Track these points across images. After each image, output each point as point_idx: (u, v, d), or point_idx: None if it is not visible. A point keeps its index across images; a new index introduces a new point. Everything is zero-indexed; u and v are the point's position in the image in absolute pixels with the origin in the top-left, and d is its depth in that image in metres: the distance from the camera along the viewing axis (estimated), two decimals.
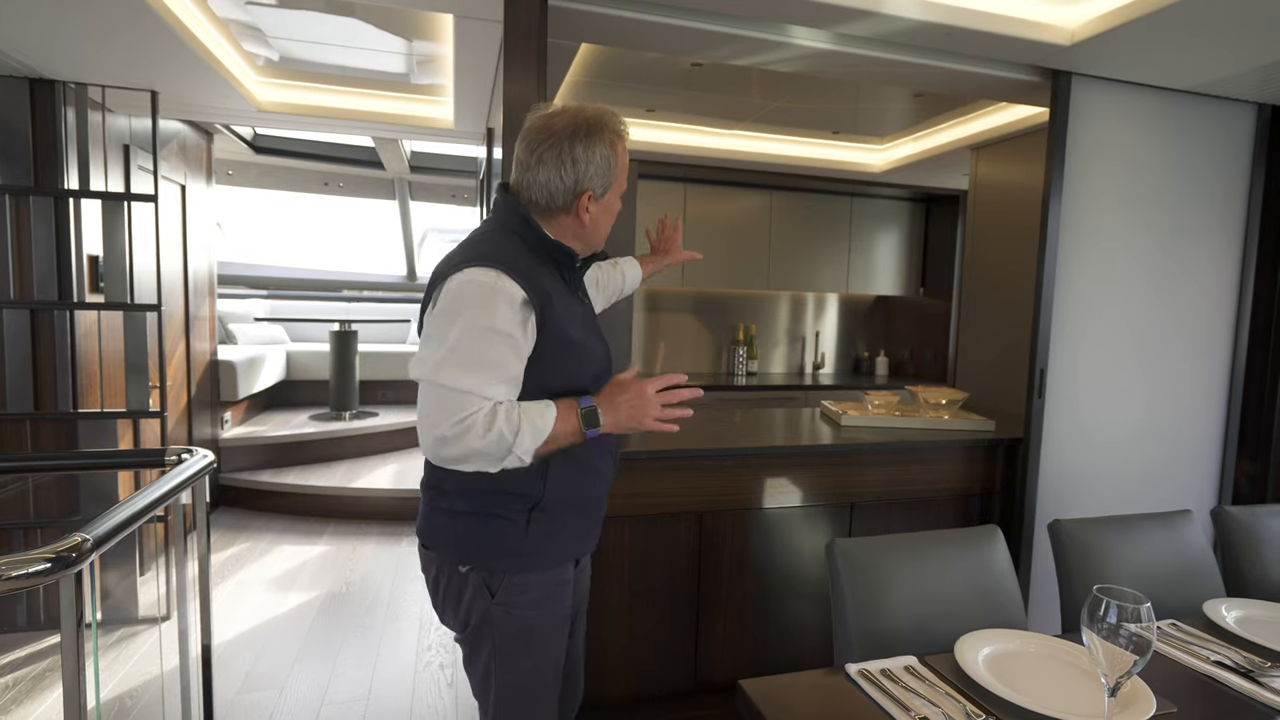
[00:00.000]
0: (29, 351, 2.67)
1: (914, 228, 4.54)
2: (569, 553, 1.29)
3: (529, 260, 1.18)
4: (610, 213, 1.28)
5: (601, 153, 1.20)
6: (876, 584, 1.36)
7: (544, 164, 1.19)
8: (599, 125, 1.20)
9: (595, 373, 1.26)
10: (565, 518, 1.26)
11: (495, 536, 1.21)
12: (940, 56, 2.18)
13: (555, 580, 1.27)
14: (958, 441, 2.38)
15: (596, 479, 1.31)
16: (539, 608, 1.25)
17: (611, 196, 1.26)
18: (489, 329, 1.10)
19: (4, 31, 2.22)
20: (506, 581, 1.22)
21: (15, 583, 1.15)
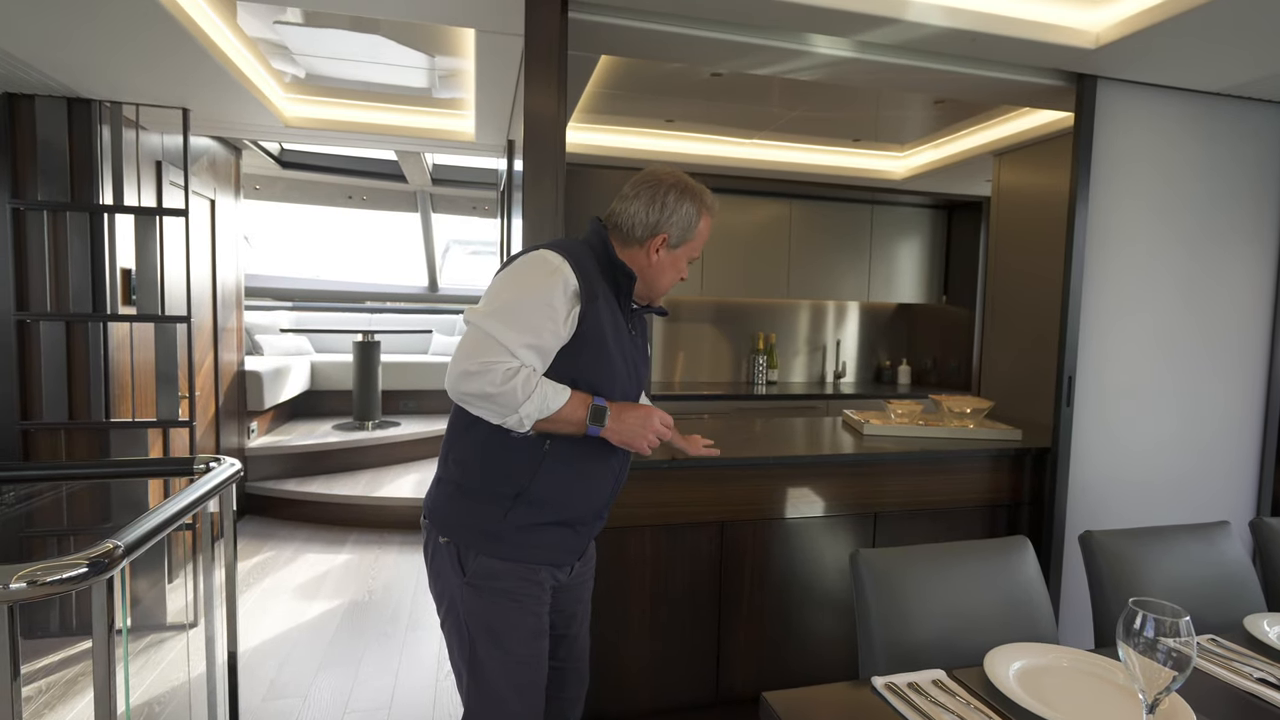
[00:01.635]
0: (64, 362, 2.74)
1: (936, 235, 4.50)
2: (541, 555, 1.32)
3: (594, 267, 1.31)
4: (675, 268, 1.40)
5: (688, 209, 1.36)
6: (902, 595, 1.34)
7: (639, 199, 1.36)
8: (698, 191, 1.39)
9: (620, 390, 1.34)
10: (546, 518, 1.31)
11: (474, 514, 1.29)
12: (963, 63, 2.16)
13: (527, 577, 1.31)
14: (983, 451, 2.34)
15: (588, 491, 1.35)
16: (506, 598, 1.29)
17: (682, 253, 1.39)
18: (537, 298, 1.22)
19: (45, 55, 2.30)
20: (477, 562, 1.29)
21: (49, 588, 1.18)
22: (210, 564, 1.99)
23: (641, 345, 1.44)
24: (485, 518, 1.29)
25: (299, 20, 2.32)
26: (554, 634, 1.43)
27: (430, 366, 5.56)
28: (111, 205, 2.71)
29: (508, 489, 1.28)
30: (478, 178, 5.29)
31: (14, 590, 1.14)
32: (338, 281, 6.48)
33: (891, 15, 1.87)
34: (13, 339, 2.65)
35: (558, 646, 1.46)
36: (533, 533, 1.30)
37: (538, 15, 1.76)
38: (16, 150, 2.64)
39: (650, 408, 1.31)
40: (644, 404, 1.33)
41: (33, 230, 2.67)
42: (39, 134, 2.65)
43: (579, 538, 1.37)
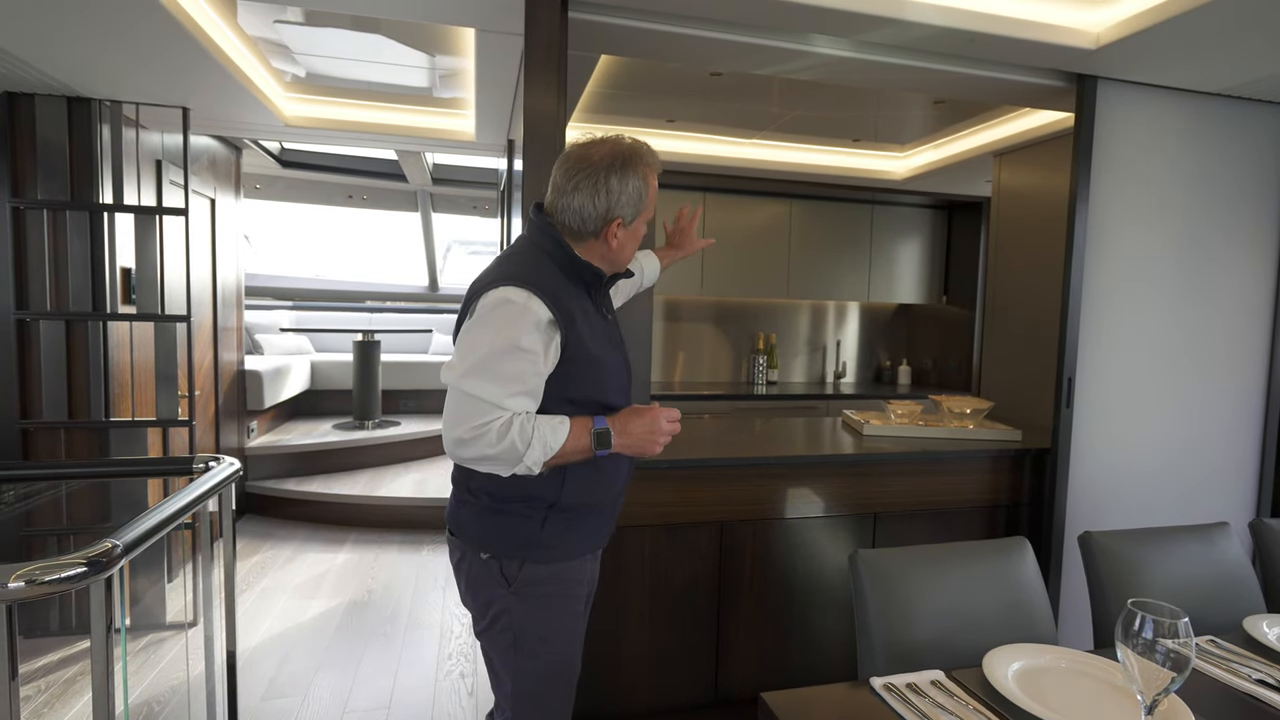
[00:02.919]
0: (64, 361, 2.74)
1: (936, 235, 4.50)
2: (584, 548, 1.36)
3: (557, 279, 1.25)
4: (636, 238, 1.34)
5: (635, 184, 1.27)
6: (901, 596, 1.34)
7: (579, 191, 1.26)
8: (634, 158, 1.28)
9: (617, 385, 1.35)
10: (580, 517, 1.33)
11: (514, 530, 1.29)
12: (962, 63, 2.16)
13: (570, 576, 1.33)
14: (983, 451, 2.34)
15: (613, 481, 1.37)
16: (553, 601, 1.31)
17: (639, 223, 1.33)
18: (514, 345, 1.17)
19: (44, 53, 2.30)
20: (523, 571, 1.29)
21: (48, 587, 1.17)
22: (209, 563, 1.99)
23: (613, 320, 1.41)
24: (524, 531, 1.29)
25: (299, 19, 2.32)
26: None
27: (430, 366, 5.56)
28: (111, 204, 2.71)
29: (540, 502, 1.28)
30: (478, 177, 5.29)
31: (12, 590, 1.14)
32: (338, 281, 6.48)
33: (891, 15, 1.87)
34: (12, 338, 2.65)
35: None
36: (571, 533, 1.32)
37: (538, 15, 1.76)
38: (16, 149, 2.64)
39: (654, 409, 1.28)
40: (646, 407, 1.29)
41: (33, 229, 2.67)
42: (39, 133, 2.65)
43: (608, 517, 1.41)
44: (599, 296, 1.35)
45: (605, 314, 1.37)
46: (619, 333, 1.42)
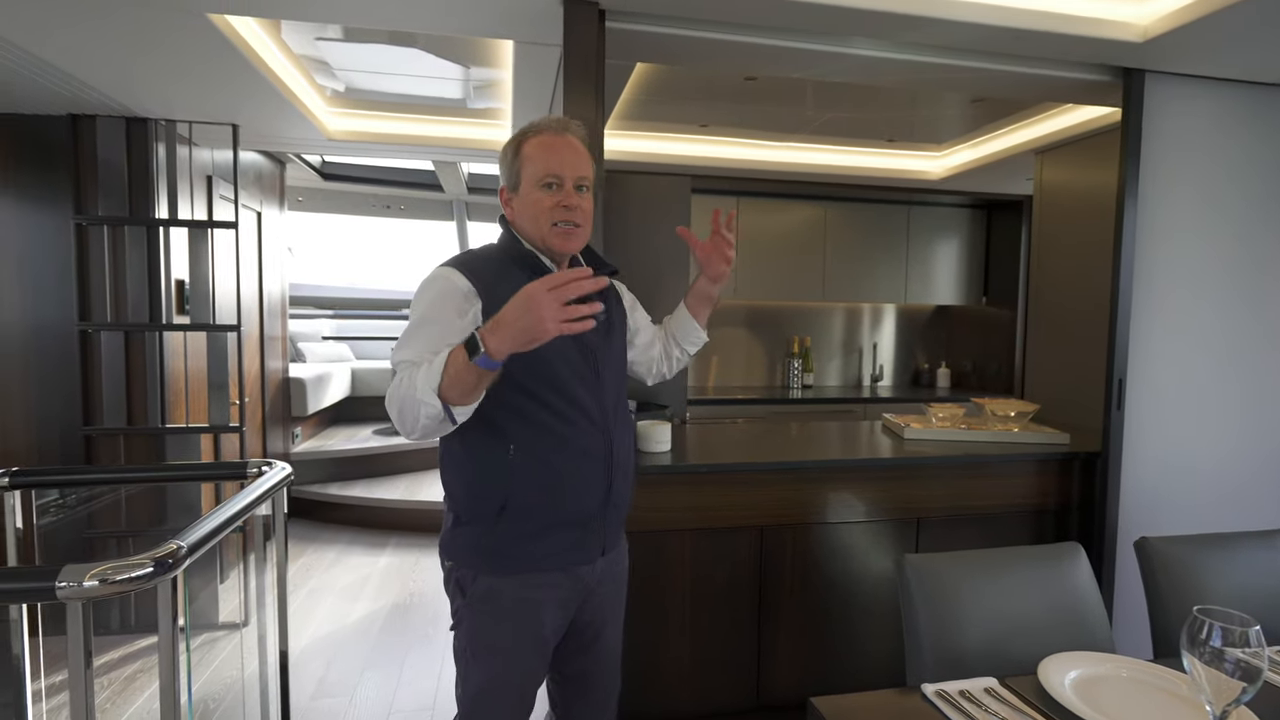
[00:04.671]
0: (123, 370, 2.85)
1: (975, 235, 4.42)
2: (550, 561, 1.28)
3: (501, 265, 1.29)
4: (532, 204, 1.29)
5: (508, 150, 1.32)
6: (951, 601, 1.32)
7: None
8: (517, 132, 1.34)
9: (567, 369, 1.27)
10: (538, 523, 1.27)
11: (468, 536, 1.29)
12: (1004, 60, 2.13)
13: (527, 597, 1.28)
14: (1029, 455, 2.29)
15: (576, 487, 1.28)
16: (505, 620, 1.27)
17: (527, 188, 1.29)
18: (427, 313, 1.23)
19: (106, 77, 2.41)
20: (477, 584, 1.28)
21: (118, 586, 1.23)
22: (260, 565, 2.05)
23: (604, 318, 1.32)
24: (479, 537, 1.27)
25: (340, 36, 2.39)
26: (579, 641, 1.39)
27: None
28: (166, 219, 2.82)
29: (491, 505, 1.25)
30: None
31: (87, 588, 1.19)
32: (376, 290, 6.63)
33: (932, 15, 1.85)
34: (76, 348, 2.77)
35: (582, 654, 1.41)
36: (533, 541, 1.27)
37: (576, 26, 1.78)
38: (79, 168, 2.77)
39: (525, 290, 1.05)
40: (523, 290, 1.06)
41: (94, 244, 2.80)
42: (99, 152, 2.77)
43: (590, 534, 1.32)
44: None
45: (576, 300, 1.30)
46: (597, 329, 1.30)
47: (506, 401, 1.23)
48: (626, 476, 1.37)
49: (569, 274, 1.04)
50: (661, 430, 2.15)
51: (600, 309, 1.07)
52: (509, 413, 1.24)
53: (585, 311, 1.05)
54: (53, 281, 2.76)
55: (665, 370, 1.60)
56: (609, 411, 1.33)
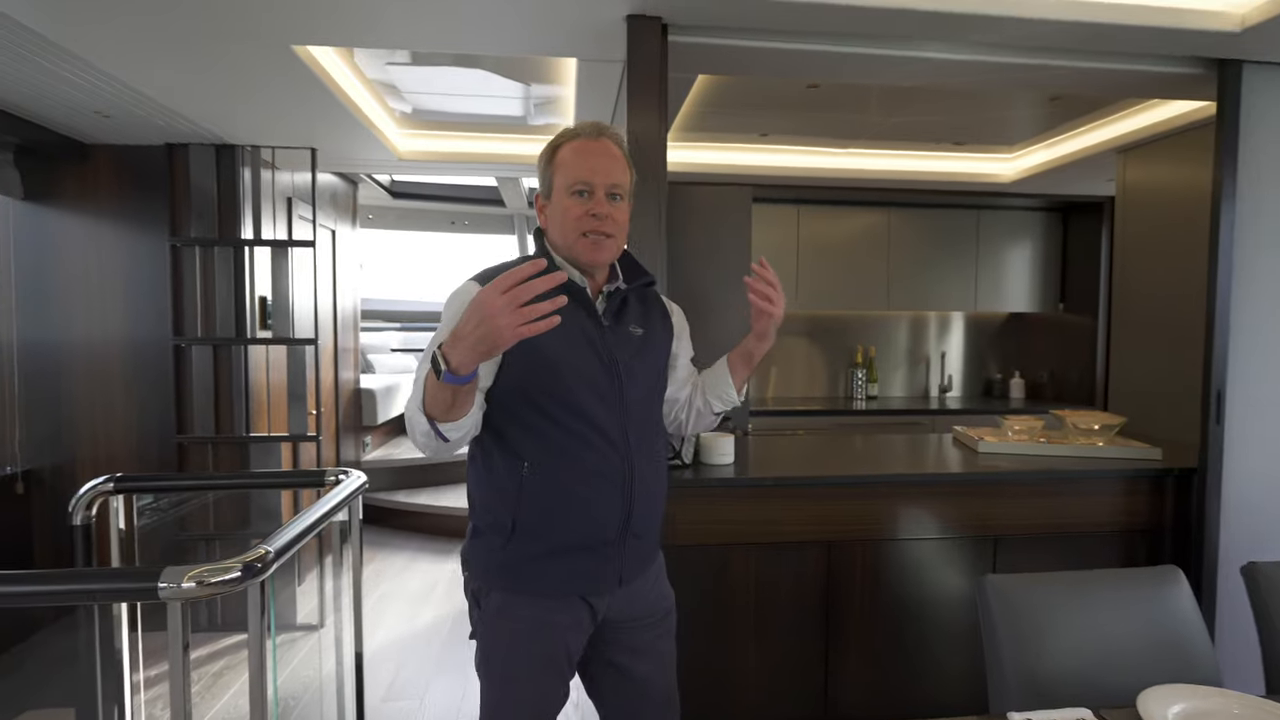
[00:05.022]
0: (211, 382, 3.03)
1: (1050, 239, 4.22)
2: (563, 586, 1.23)
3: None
4: (561, 211, 1.23)
5: (542, 159, 1.28)
6: (1036, 626, 1.26)
7: None
8: (554, 136, 1.29)
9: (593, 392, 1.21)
10: (549, 545, 1.22)
11: (484, 550, 1.26)
12: (1084, 56, 2.03)
13: (540, 617, 1.23)
14: (1117, 471, 2.16)
15: (588, 512, 1.21)
16: (518, 637, 1.24)
17: (558, 195, 1.24)
18: (444, 327, 1.19)
19: (200, 108, 2.58)
20: (491, 597, 1.26)
21: (213, 588, 1.29)
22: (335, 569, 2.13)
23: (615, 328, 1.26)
24: (492, 551, 1.25)
25: (408, 60, 2.48)
26: (612, 681, 1.33)
27: None
28: (251, 239, 2.99)
29: (504, 521, 1.22)
30: None
31: (185, 589, 1.26)
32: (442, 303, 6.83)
33: (1008, 14, 1.79)
34: (170, 362, 2.96)
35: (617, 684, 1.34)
36: (545, 562, 1.22)
37: (639, 42, 1.80)
38: (174, 193, 2.97)
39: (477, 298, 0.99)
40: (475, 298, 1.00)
41: (186, 264, 2.99)
42: (192, 178, 2.97)
43: (605, 562, 1.24)
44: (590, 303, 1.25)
45: (600, 320, 1.25)
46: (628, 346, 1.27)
47: (521, 418, 1.20)
48: (652, 505, 1.28)
49: (519, 273, 0.95)
50: (724, 442, 2.13)
51: (564, 302, 0.98)
52: (523, 429, 1.20)
53: (547, 309, 0.96)
54: (151, 300, 2.96)
55: (683, 419, 1.44)
56: (632, 433, 1.24)
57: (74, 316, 2.94)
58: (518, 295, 0.95)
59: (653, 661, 1.34)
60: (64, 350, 2.94)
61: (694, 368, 1.46)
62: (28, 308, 2.93)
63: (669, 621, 1.38)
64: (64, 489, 2.90)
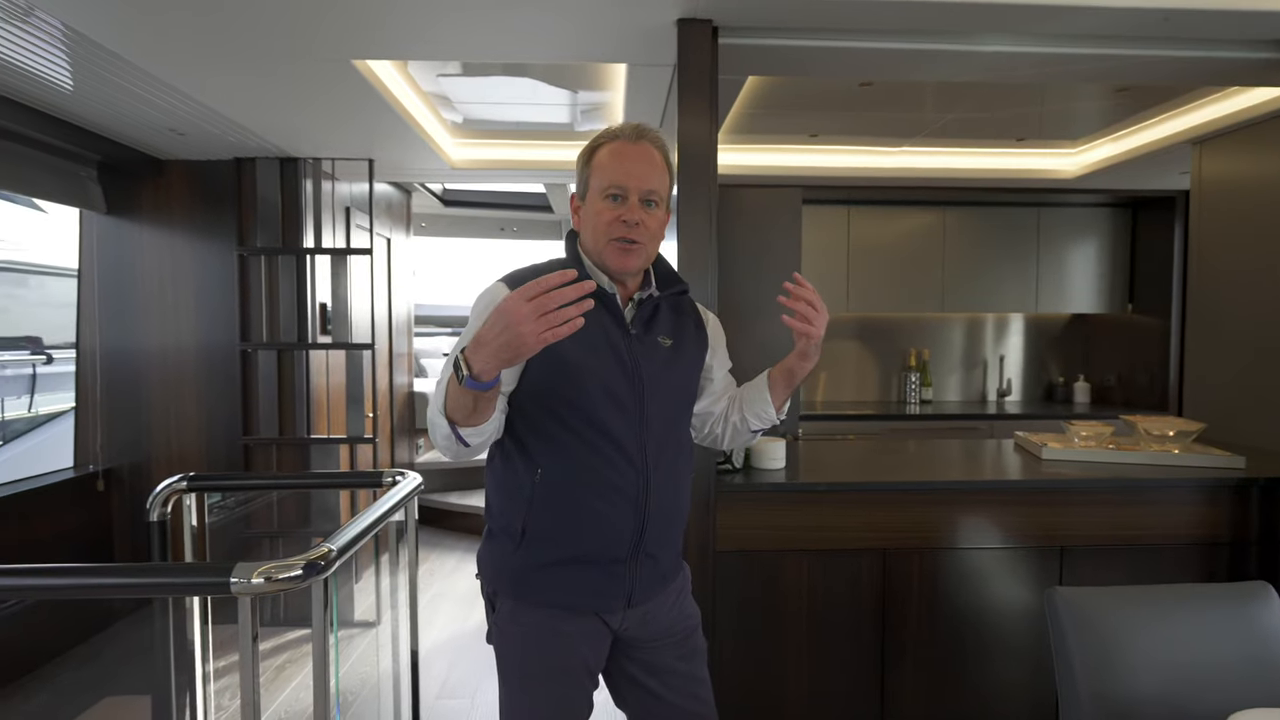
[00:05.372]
0: (275, 385, 3.15)
1: (1117, 236, 4.03)
2: (563, 599, 1.20)
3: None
4: (595, 214, 1.20)
5: (582, 156, 1.24)
6: (1111, 642, 1.19)
7: None
8: (593, 137, 1.25)
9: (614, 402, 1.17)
10: (556, 556, 1.19)
11: (496, 555, 1.25)
12: (1155, 44, 1.94)
13: (553, 626, 1.21)
14: (1195, 480, 2.04)
15: (598, 526, 1.17)
16: (528, 645, 1.22)
17: (593, 197, 1.20)
18: (469, 329, 1.16)
19: (266, 123, 2.70)
20: (502, 603, 1.24)
21: (280, 584, 1.34)
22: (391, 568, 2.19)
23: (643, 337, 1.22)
24: (503, 557, 1.23)
25: (459, 71, 2.54)
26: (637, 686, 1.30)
27: None
28: (313, 248, 3.11)
29: (515, 526, 1.20)
30: None
31: (254, 585, 1.31)
32: None
33: (1073, 3, 1.72)
34: (237, 367, 3.10)
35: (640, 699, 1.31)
36: (553, 572, 1.19)
37: (690, 45, 1.80)
38: (242, 205, 3.11)
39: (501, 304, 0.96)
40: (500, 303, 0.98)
41: (252, 272, 3.12)
42: (259, 190, 3.10)
43: (613, 580, 1.20)
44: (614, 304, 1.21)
45: (629, 327, 1.21)
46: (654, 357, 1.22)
47: (538, 424, 1.18)
48: (668, 524, 1.23)
49: (545, 281, 0.94)
50: (775, 447, 2.10)
51: (590, 306, 0.95)
52: (539, 437, 1.18)
53: (572, 314, 0.94)
54: (219, 307, 3.10)
55: (718, 433, 1.39)
56: (651, 448, 1.19)
57: (150, 324, 3.10)
58: (543, 303, 0.93)
59: (675, 682, 1.29)
60: (141, 357, 3.11)
61: (731, 379, 1.41)
62: (109, 317, 3.11)
63: (693, 642, 1.32)
64: (140, 487, 3.06)
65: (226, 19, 1.83)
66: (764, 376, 1.33)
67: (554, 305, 0.93)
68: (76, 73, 2.16)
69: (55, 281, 6.23)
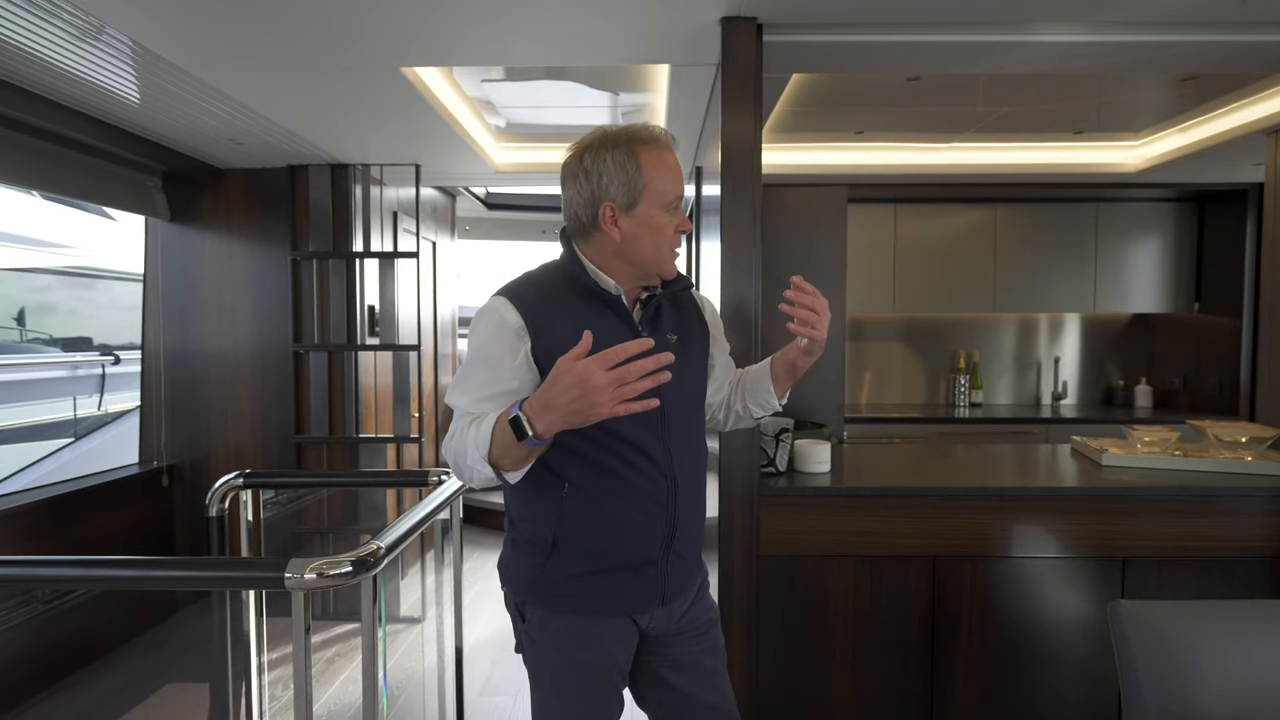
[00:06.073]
0: (326, 386, 3.24)
1: (1183, 232, 3.85)
2: (597, 605, 1.20)
3: (558, 291, 1.17)
4: (652, 229, 1.15)
5: (615, 159, 1.13)
6: (1180, 659, 1.13)
7: (566, 182, 1.18)
8: (619, 136, 1.15)
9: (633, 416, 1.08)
10: (590, 565, 1.19)
11: (523, 566, 1.23)
12: (1228, 29, 1.83)
13: (585, 630, 1.21)
14: (1270, 489, 1.92)
15: (631, 532, 1.18)
16: (561, 649, 1.21)
17: (647, 210, 1.14)
18: (479, 351, 1.15)
19: (319, 131, 2.78)
20: (532, 612, 1.23)
21: (331, 580, 1.37)
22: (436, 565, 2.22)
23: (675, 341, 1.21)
24: (531, 568, 1.22)
25: (501, 76, 2.57)
26: (659, 682, 1.30)
27: None
28: (362, 252, 3.19)
29: (544, 538, 1.18)
30: None
31: (307, 580, 1.34)
32: None
33: None
34: (290, 367, 3.20)
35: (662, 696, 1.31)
36: (585, 582, 1.19)
37: (734, 44, 1.78)
38: (295, 211, 3.21)
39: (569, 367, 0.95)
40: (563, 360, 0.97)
41: (304, 276, 3.22)
42: (311, 196, 3.20)
43: (645, 580, 1.21)
44: (623, 310, 1.19)
45: (639, 331, 1.19)
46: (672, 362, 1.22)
47: (561, 440, 1.13)
48: (695, 522, 1.26)
49: (624, 350, 0.94)
50: (820, 450, 2.07)
51: (668, 378, 0.96)
52: (564, 451, 1.15)
53: (647, 387, 0.95)
54: (274, 310, 3.21)
55: (720, 418, 1.41)
56: (674, 450, 1.21)
57: (209, 326, 3.23)
58: (621, 376, 0.93)
59: (695, 676, 1.30)
60: (201, 357, 3.24)
61: (731, 362, 1.41)
62: (173, 320, 3.24)
63: (712, 636, 1.33)
64: (200, 483, 3.18)
65: (283, 32, 1.89)
66: (766, 365, 1.33)
67: (633, 379, 0.93)
68: (143, 86, 2.26)
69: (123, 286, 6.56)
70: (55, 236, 6.07)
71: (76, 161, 2.67)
